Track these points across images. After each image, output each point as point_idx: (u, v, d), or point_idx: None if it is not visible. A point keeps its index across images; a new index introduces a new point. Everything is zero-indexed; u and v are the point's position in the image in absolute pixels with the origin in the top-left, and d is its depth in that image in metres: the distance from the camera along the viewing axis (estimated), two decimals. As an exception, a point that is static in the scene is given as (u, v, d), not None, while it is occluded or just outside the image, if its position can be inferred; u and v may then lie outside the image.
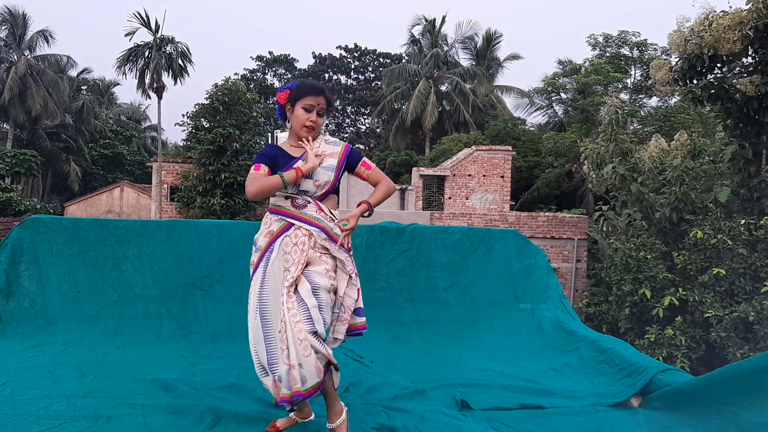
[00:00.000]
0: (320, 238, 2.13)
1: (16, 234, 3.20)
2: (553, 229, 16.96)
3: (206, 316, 3.31)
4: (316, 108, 2.18)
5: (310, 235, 2.13)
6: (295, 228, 2.13)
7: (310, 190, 2.17)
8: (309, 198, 2.17)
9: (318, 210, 2.16)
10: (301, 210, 2.15)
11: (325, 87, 2.27)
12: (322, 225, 2.14)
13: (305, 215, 2.15)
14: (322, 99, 2.19)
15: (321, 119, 2.21)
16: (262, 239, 2.18)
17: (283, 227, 2.15)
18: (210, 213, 16.34)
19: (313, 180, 2.16)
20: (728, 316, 8.26)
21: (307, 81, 2.28)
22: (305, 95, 2.18)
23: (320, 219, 2.15)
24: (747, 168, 9.59)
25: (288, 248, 2.10)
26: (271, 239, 2.14)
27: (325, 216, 2.17)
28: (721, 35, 8.72)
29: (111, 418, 2.10)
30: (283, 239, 2.12)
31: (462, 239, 3.83)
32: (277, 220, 2.17)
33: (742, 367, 2.25)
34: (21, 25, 27.50)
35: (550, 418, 2.46)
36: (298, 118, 2.18)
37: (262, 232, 2.19)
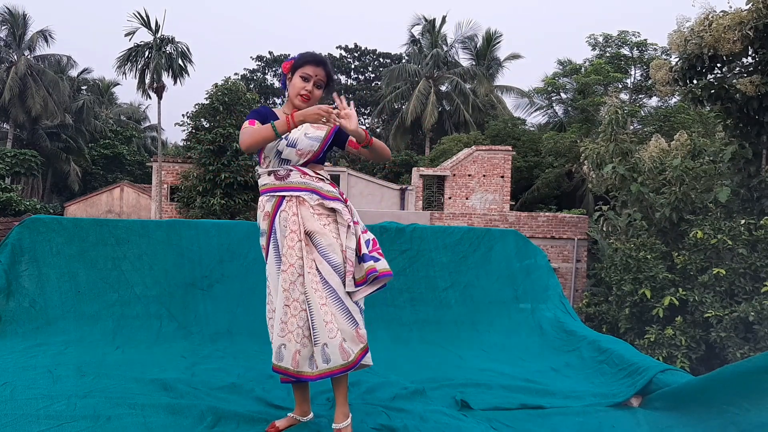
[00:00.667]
0: (313, 201, 2.11)
1: (16, 234, 3.20)
2: (553, 229, 16.96)
3: (206, 316, 3.31)
4: (313, 78, 2.15)
5: (302, 201, 2.11)
6: (286, 200, 2.11)
7: (292, 159, 2.13)
8: (290, 167, 2.14)
9: (302, 174, 2.13)
10: (285, 180, 2.13)
11: (328, 62, 2.23)
12: (310, 187, 2.12)
13: (290, 184, 2.12)
14: (321, 71, 2.15)
15: (318, 91, 2.17)
16: (262, 222, 2.16)
17: (275, 204, 2.13)
18: (210, 213, 16.34)
19: (296, 149, 2.12)
20: (728, 316, 8.26)
21: (312, 52, 2.23)
22: (305, 64, 2.16)
23: (306, 182, 2.13)
24: (747, 168, 9.59)
25: (286, 222, 2.09)
26: (270, 220, 2.13)
27: (311, 178, 2.14)
28: (721, 35, 8.72)
29: (111, 418, 2.10)
30: (280, 215, 2.11)
31: (462, 239, 3.83)
32: (267, 199, 2.15)
33: (742, 367, 2.25)
34: (21, 25, 27.50)
35: (550, 418, 2.46)
36: (295, 86, 2.16)
37: (260, 215, 2.18)
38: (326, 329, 1.98)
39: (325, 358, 1.99)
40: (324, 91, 2.22)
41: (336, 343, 1.98)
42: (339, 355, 1.98)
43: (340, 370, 2.00)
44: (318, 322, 1.99)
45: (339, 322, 2.02)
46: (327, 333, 1.98)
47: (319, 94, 2.19)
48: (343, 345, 1.99)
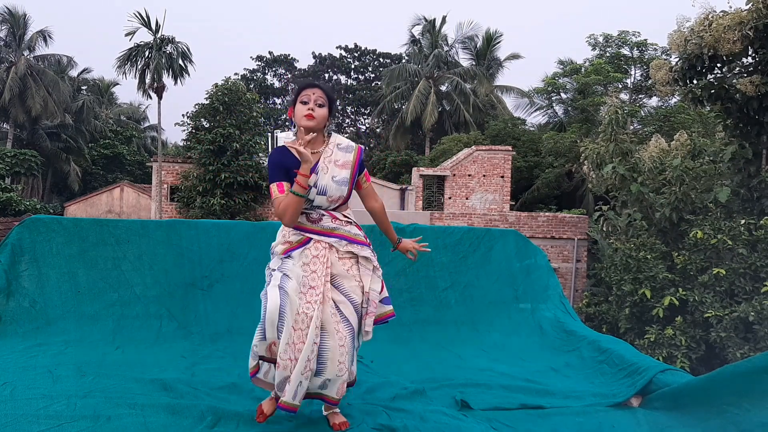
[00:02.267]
0: (341, 246, 2.16)
1: (16, 234, 3.20)
2: (553, 229, 16.95)
3: (206, 316, 3.31)
4: (312, 98, 2.15)
5: (330, 247, 2.15)
6: (314, 242, 2.15)
7: (323, 205, 2.16)
8: (323, 211, 2.17)
9: (333, 219, 2.17)
10: (317, 223, 2.16)
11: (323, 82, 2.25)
12: (339, 233, 2.16)
13: (322, 228, 2.16)
14: (318, 90, 2.16)
15: (322, 110, 2.16)
16: (280, 247, 2.18)
17: (302, 241, 2.15)
18: (210, 213, 16.34)
19: (326, 196, 2.15)
20: (728, 316, 8.26)
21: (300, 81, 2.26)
22: (300, 92, 2.17)
23: (337, 228, 2.17)
24: (747, 168, 9.59)
25: (308, 260, 2.12)
26: (290, 248, 2.15)
27: (341, 222, 2.19)
28: (721, 35, 8.72)
29: (111, 418, 2.10)
30: (303, 252, 2.13)
31: (462, 239, 3.83)
32: (295, 233, 2.17)
33: (742, 367, 2.25)
34: (21, 25, 27.50)
35: (550, 418, 2.46)
36: (298, 113, 2.16)
37: (280, 241, 2.20)
38: (337, 368, 2.07)
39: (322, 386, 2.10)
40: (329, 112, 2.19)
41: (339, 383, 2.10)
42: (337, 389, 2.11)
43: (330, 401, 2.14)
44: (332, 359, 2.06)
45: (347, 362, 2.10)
46: (336, 372, 2.07)
47: (324, 113, 2.16)
48: (344, 387, 2.13)
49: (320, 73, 37.01)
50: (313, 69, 36.98)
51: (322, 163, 2.16)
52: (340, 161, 2.18)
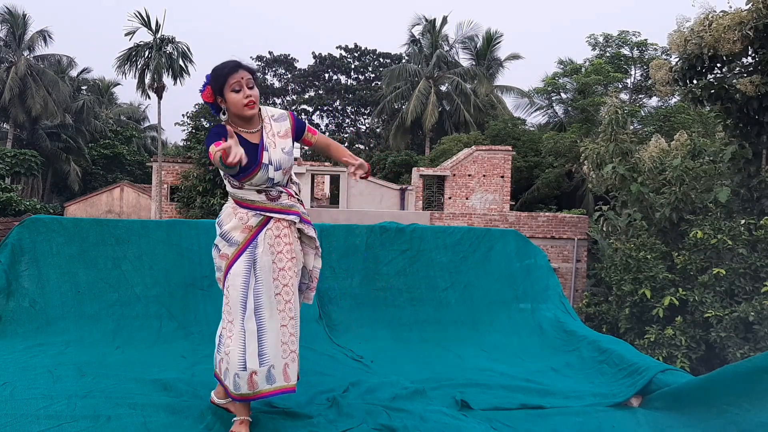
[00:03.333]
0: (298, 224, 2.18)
1: (16, 234, 3.20)
2: (553, 229, 16.96)
3: (206, 316, 3.31)
4: (243, 82, 2.05)
5: (290, 224, 2.15)
6: (275, 221, 2.12)
7: (280, 180, 2.13)
8: (280, 188, 2.15)
9: (289, 196, 2.17)
10: (276, 201, 2.13)
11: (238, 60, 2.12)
12: (295, 210, 2.16)
13: (281, 206, 2.14)
14: (244, 72, 2.06)
15: (254, 91, 2.08)
16: (238, 234, 2.10)
17: (262, 221, 2.11)
18: (210, 213, 16.35)
19: (282, 170, 2.12)
20: (728, 316, 8.27)
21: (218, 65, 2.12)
22: (226, 79, 2.04)
23: (293, 205, 2.16)
24: (747, 168, 9.60)
25: (272, 240, 2.10)
26: (251, 235, 2.10)
27: (294, 200, 2.19)
28: (721, 35, 8.73)
29: (111, 418, 2.10)
30: (266, 233, 2.11)
31: (462, 239, 3.83)
32: (254, 215, 2.11)
33: (742, 367, 2.25)
34: (21, 25, 27.50)
35: (550, 418, 2.45)
36: (234, 102, 2.05)
37: (237, 226, 2.11)
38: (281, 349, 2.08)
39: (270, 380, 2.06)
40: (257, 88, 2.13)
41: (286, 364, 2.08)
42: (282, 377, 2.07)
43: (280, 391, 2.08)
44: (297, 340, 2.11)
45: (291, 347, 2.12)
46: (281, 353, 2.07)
47: (257, 93, 2.10)
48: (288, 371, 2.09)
49: (320, 73, 37.03)
50: (313, 69, 36.99)
51: (267, 139, 2.11)
52: (281, 132, 2.15)
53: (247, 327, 2.05)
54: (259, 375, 2.03)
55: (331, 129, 37.67)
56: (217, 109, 2.14)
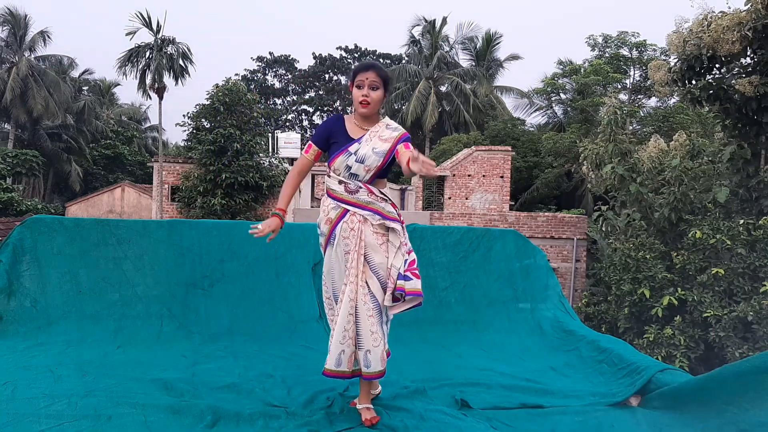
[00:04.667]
0: (375, 220, 2.27)
1: (17, 234, 3.21)
2: (552, 229, 16.97)
3: (207, 315, 3.32)
4: (366, 83, 2.27)
5: (364, 220, 2.27)
6: (350, 214, 2.28)
7: (360, 175, 2.27)
8: (359, 182, 2.28)
9: (369, 193, 2.28)
10: (354, 195, 2.28)
11: (377, 63, 2.37)
12: (374, 208, 2.28)
13: (358, 200, 2.28)
14: (372, 73, 2.27)
15: (375, 93, 2.29)
16: (323, 226, 2.33)
17: (340, 214, 2.29)
18: (211, 213, 16.35)
19: (363, 165, 2.26)
20: (727, 315, 8.27)
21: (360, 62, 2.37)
22: (355, 75, 2.30)
23: (372, 202, 2.28)
24: (746, 168, 9.60)
25: (346, 233, 2.26)
26: (332, 226, 2.30)
27: (377, 198, 2.29)
28: (720, 36, 8.73)
29: (112, 418, 2.11)
30: (341, 226, 2.27)
31: (462, 239, 3.84)
32: (333, 207, 2.31)
33: (741, 366, 2.25)
34: (22, 25, 27.50)
35: (549, 418, 2.46)
36: (355, 96, 2.30)
37: (322, 218, 2.34)
38: (371, 338, 2.21)
39: (366, 363, 2.22)
40: (384, 93, 2.33)
41: (378, 352, 2.23)
42: (379, 362, 2.23)
43: (377, 376, 2.26)
44: (364, 331, 2.21)
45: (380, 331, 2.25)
46: (372, 342, 2.21)
47: (379, 96, 2.30)
48: (383, 355, 2.25)
49: (320, 74, 37.02)
50: (313, 69, 36.98)
51: (367, 135, 2.31)
52: (384, 137, 2.31)
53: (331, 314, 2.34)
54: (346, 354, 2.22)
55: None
56: None
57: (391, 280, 2.27)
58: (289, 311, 3.45)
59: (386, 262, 2.27)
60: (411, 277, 2.29)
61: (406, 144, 2.33)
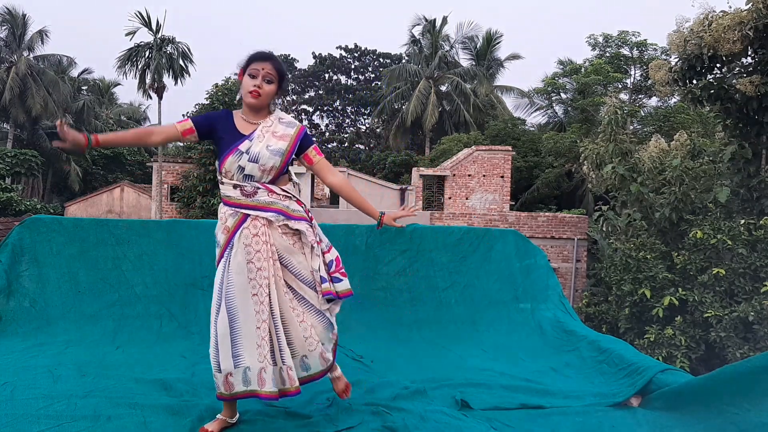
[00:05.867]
0: (279, 221, 2.09)
1: (16, 234, 3.20)
2: (552, 229, 16.96)
3: (207, 316, 3.26)
4: (261, 73, 2.07)
5: (269, 223, 2.08)
6: (252, 219, 2.06)
7: (256, 176, 2.08)
8: (257, 183, 2.08)
9: (269, 193, 2.09)
10: (252, 198, 2.08)
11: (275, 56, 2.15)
12: (276, 207, 2.09)
13: (257, 202, 2.08)
14: (268, 64, 2.08)
15: (269, 86, 2.09)
16: (220, 235, 2.12)
17: (238, 220, 2.07)
18: (210, 213, 16.35)
19: (258, 164, 2.07)
20: (728, 316, 8.27)
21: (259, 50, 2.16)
22: (250, 62, 2.09)
23: (274, 201, 2.09)
24: (746, 168, 9.60)
25: (248, 240, 2.05)
26: (229, 235, 2.08)
27: (278, 196, 2.11)
28: (721, 35, 8.73)
29: (111, 418, 2.10)
30: (242, 232, 2.06)
31: (462, 239, 3.83)
32: (231, 213, 2.09)
33: (742, 367, 2.24)
34: (21, 25, 27.50)
35: (550, 418, 2.46)
36: (244, 85, 2.09)
37: (219, 227, 2.12)
38: (306, 344, 2.07)
39: (304, 367, 2.08)
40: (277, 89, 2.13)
41: (317, 354, 2.09)
42: (319, 362, 2.10)
43: (321, 375, 2.12)
44: (297, 338, 2.06)
45: (318, 331, 2.11)
46: (307, 347, 2.07)
47: (272, 90, 2.11)
48: (323, 353, 2.10)
49: (320, 73, 37.01)
50: (313, 69, 36.98)
51: (259, 131, 2.10)
52: (279, 133, 2.12)
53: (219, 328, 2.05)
54: (235, 376, 2.02)
55: (331, 129, 37.67)
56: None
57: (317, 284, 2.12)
58: (289, 311, 3.44)
59: (305, 260, 2.11)
60: (340, 278, 2.19)
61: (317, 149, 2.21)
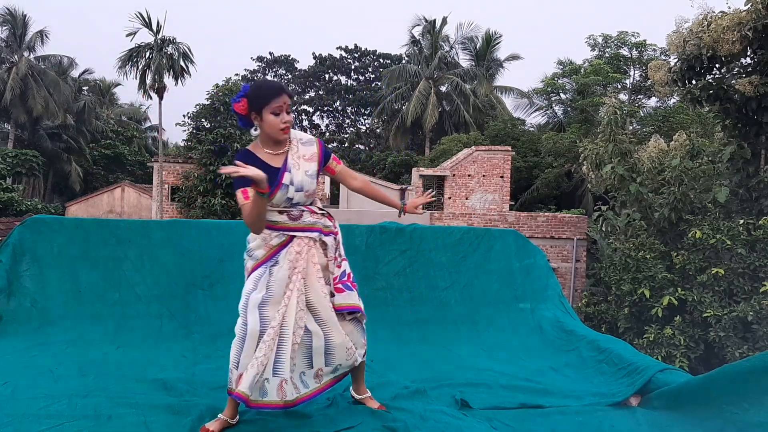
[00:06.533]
0: (319, 239, 2.23)
1: (17, 234, 3.21)
2: (552, 229, 16.97)
3: (207, 315, 3.32)
4: (284, 108, 2.10)
5: (313, 242, 2.21)
6: (297, 239, 2.18)
7: (301, 201, 2.19)
8: (302, 207, 2.20)
9: (312, 213, 2.22)
10: (298, 221, 2.19)
11: (281, 84, 2.22)
12: (318, 227, 2.22)
13: (303, 224, 2.19)
14: (285, 97, 2.11)
15: (290, 116, 2.15)
16: (260, 251, 2.17)
17: (284, 242, 2.17)
18: (211, 213, 16.36)
19: (304, 192, 2.17)
20: (727, 315, 8.28)
21: (263, 82, 2.19)
22: (269, 100, 2.08)
23: (316, 222, 2.22)
24: (745, 168, 9.61)
25: (292, 256, 2.16)
26: (272, 252, 2.16)
27: (318, 216, 2.24)
28: (720, 36, 8.74)
29: (111, 418, 2.11)
30: (288, 250, 2.16)
31: (462, 239, 3.84)
32: (276, 235, 2.17)
33: (741, 366, 2.25)
34: (21, 25, 27.50)
35: (549, 418, 2.46)
36: (272, 125, 2.10)
37: (260, 245, 2.17)
38: (346, 354, 2.19)
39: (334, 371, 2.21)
40: None
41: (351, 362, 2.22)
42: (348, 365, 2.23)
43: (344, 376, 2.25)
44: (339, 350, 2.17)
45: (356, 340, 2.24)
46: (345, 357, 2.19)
47: (292, 118, 2.18)
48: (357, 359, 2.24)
49: (320, 74, 37.01)
50: (313, 70, 36.98)
51: (291, 160, 2.16)
52: (306, 155, 2.20)
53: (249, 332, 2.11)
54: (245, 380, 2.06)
55: (331, 129, 37.66)
56: (246, 123, 2.17)
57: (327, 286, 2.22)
58: (289, 311, 3.45)
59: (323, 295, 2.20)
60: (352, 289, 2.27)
61: (335, 158, 2.30)
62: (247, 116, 2.14)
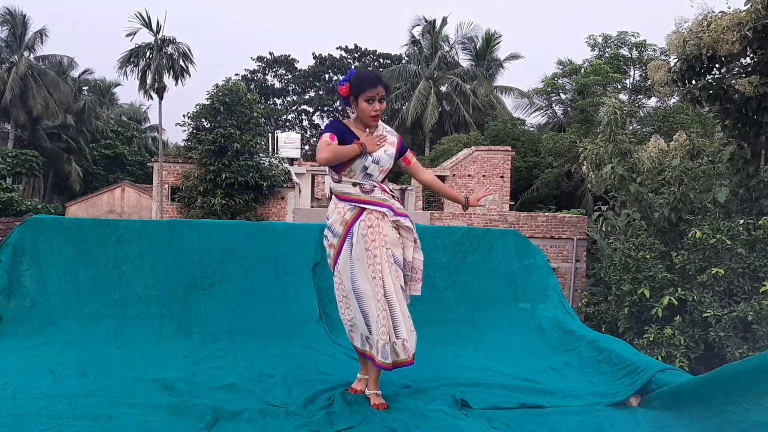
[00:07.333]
0: (391, 216, 2.40)
1: (17, 234, 3.21)
2: (552, 229, 16.97)
3: (207, 315, 3.32)
4: (377, 97, 2.38)
5: (383, 216, 2.38)
6: (367, 212, 2.38)
7: (374, 175, 2.41)
8: (374, 182, 2.41)
9: (383, 191, 2.42)
10: (370, 194, 2.40)
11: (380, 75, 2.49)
12: (389, 204, 2.41)
13: (375, 198, 2.40)
14: (380, 88, 2.37)
15: (382, 105, 2.42)
16: (338, 226, 2.40)
17: (356, 214, 2.38)
18: (211, 213, 16.34)
19: (378, 165, 2.41)
20: (727, 315, 8.28)
21: (363, 72, 2.46)
22: (365, 89, 2.36)
23: (387, 199, 2.42)
24: (745, 168, 9.61)
25: (365, 230, 2.34)
26: (348, 226, 2.38)
27: (389, 195, 2.43)
28: (720, 36, 8.73)
29: (112, 418, 2.11)
30: (359, 224, 2.36)
31: (462, 239, 3.84)
32: (350, 208, 2.39)
33: (741, 366, 2.25)
34: (21, 25, 27.50)
35: (549, 417, 2.46)
36: (364, 111, 2.39)
37: (337, 219, 2.40)
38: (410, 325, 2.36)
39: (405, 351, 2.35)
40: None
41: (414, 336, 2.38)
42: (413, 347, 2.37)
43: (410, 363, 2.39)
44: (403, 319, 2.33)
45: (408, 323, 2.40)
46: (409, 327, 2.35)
47: (383, 106, 2.45)
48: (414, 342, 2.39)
49: (320, 74, 37.02)
50: (313, 69, 36.99)
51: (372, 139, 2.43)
52: (389, 140, 2.49)
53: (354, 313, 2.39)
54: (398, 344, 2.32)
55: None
56: (347, 102, 2.48)
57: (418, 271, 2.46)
58: (289, 311, 3.45)
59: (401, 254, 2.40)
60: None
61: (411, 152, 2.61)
62: (347, 98, 2.43)
